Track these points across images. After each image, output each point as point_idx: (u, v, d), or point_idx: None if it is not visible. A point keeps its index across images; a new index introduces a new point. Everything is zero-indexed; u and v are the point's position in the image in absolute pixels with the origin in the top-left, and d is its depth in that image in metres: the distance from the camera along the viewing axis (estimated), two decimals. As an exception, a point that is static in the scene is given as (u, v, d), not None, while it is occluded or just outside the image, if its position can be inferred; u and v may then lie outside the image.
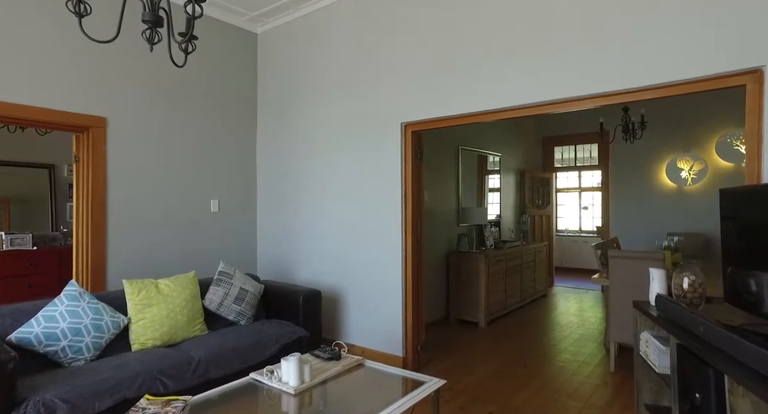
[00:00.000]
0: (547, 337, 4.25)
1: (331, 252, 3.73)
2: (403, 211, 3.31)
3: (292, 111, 3.99)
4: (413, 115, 3.22)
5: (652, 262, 3.05)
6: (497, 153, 5.91)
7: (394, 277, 3.34)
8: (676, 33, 2.24)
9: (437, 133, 4.73)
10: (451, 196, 4.95)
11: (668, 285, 2.03)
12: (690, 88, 2.28)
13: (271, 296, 3.41)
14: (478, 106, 2.91)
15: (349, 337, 3.61)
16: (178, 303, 2.70)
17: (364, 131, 3.50)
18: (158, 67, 3.48)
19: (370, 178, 3.47)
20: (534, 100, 2.71)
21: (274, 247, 4.13)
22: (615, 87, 2.40)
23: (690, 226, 5.80)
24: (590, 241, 8.49)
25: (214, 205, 3.89)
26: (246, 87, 4.16)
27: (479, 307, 4.58)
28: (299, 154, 3.95)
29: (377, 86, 3.41)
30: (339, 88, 3.65)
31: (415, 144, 3.35)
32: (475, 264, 4.61)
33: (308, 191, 3.88)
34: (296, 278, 3.98)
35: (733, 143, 5.59)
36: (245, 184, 4.18)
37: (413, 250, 3.33)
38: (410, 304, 3.31)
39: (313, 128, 3.84)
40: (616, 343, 3.33)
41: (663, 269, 2.03)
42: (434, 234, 4.67)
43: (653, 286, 2.04)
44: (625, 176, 6.30)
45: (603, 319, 4.86)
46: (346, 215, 3.63)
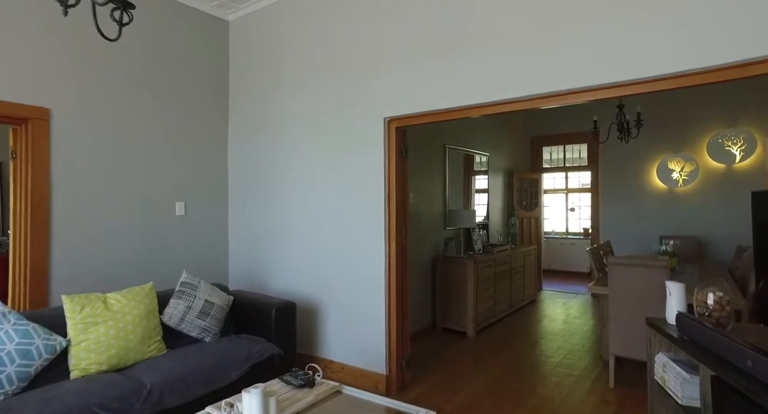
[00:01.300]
0: (539, 347, 4.01)
1: (309, 259, 3.41)
2: (386, 214, 3.02)
3: (267, 106, 3.66)
4: (397, 110, 2.94)
5: (655, 269, 2.83)
6: (485, 153, 5.67)
7: (377, 286, 3.05)
8: (689, 18, 2.00)
9: (423, 131, 4.46)
10: (437, 198, 4.68)
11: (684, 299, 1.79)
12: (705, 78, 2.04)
13: (242, 309, 3.08)
14: (466, 100, 2.64)
15: (328, 352, 3.31)
16: (130, 320, 2.35)
17: (345, 127, 3.20)
18: (113, 54, 3.12)
19: (351, 179, 3.17)
20: (524, 94, 2.45)
21: (248, 254, 3.79)
22: (613, 79, 2.16)
23: (682, 228, 5.66)
24: (577, 243, 8.34)
25: (180, 207, 3.54)
26: (216, 79, 3.82)
27: (467, 316, 4.32)
28: (275, 153, 3.62)
29: (359, 79, 3.12)
30: (317, 80, 3.34)
31: (399, 141, 3.07)
32: (463, 270, 4.34)
33: (284, 192, 3.56)
34: (271, 288, 3.65)
35: (724, 144, 5.47)
36: (215, 185, 3.83)
37: (398, 257, 3.05)
38: (394, 316, 3.02)
39: (290, 124, 3.52)
40: (615, 357, 3.10)
41: (682, 283, 1.78)
42: (420, 238, 4.39)
43: (671, 301, 1.80)
44: (614, 177, 6.13)
45: (594, 327, 4.65)
46: (325, 219, 3.32)
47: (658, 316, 2.76)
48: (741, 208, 5.33)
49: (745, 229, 5.28)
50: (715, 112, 5.52)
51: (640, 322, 2.93)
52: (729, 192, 5.41)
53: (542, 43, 2.38)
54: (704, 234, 5.52)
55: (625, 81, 2.16)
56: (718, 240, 5.44)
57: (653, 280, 2.84)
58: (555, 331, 4.52)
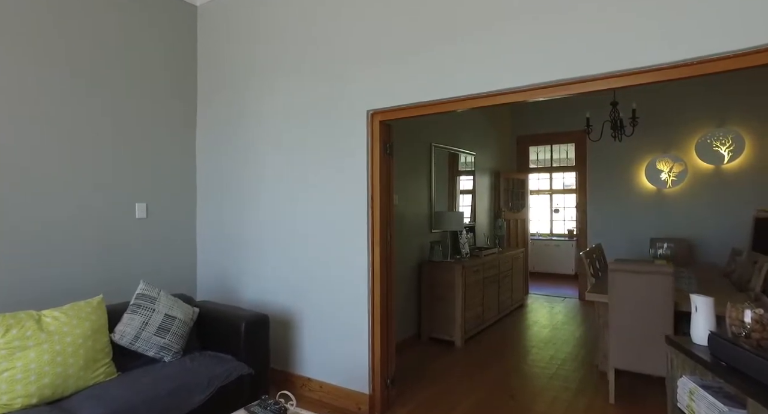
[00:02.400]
0: (531, 357, 3.79)
1: (286, 267, 3.11)
2: (369, 217, 2.75)
3: (240, 99, 3.34)
4: (382, 102, 2.66)
5: (660, 276, 2.63)
6: (471, 152, 5.45)
7: (359, 297, 2.77)
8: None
9: (408, 129, 4.20)
10: (423, 199, 4.43)
11: (713, 316, 1.56)
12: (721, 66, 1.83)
13: (208, 323, 2.76)
14: (454, 91, 2.39)
15: (306, 369, 3.01)
16: (71, 341, 2.01)
17: (324, 122, 2.91)
18: (59, 35, 2.76)
19: (331, 178, 2.89)
20: (514, 85, 2.21)
21: (219, 261, 3.46)
22: (605, 69, 1.93)
23: (671, 231, 5.54)
24: (562, 245, 8.22)
25: (141, 209, 3.18)
26: (183, 69, 3.48)
27: (455, 324, 4.07)
28: (249, 150, 3.31)
29: (340, 68, 2.83)
30: (295, 71, 3.04)
31: (383, 136, 2.80)
32: (450, 275, 4.10)
33: (259, 194, 3.25)
34: (243, 298, 3.33)
35: (713, 144, 5.37)
36: (182, 185, 3.48)
37: (382, 264, 2.77)
38: (378, 330, 2.75)
39: (265, 119, 3.21)
40: (614, 370, 2.89)
41: (709, 297, 1.56)
42: (404, 241, 4.13)
43: (697, 319, 1.57)
44: (602, 178, 5.99)
45: (585, 333, 4.47)
46: (303, 222, 3.02)
47: (659, 326, 2.58)
48: (730, 209, 5.24)
49: (736, 231, 5.19)
50: (704, 111, 5.42)
51: (643, 333, 2.72)
52: (718, 193, 5.32)
53: (533, 32, 2.14)
54: (694, 236, 5.41)
55: (618, 71, 1.94)
56: (707, 242, 5.34)
57: (657, 287, 2.64)
58: (546, 338, 4.31)
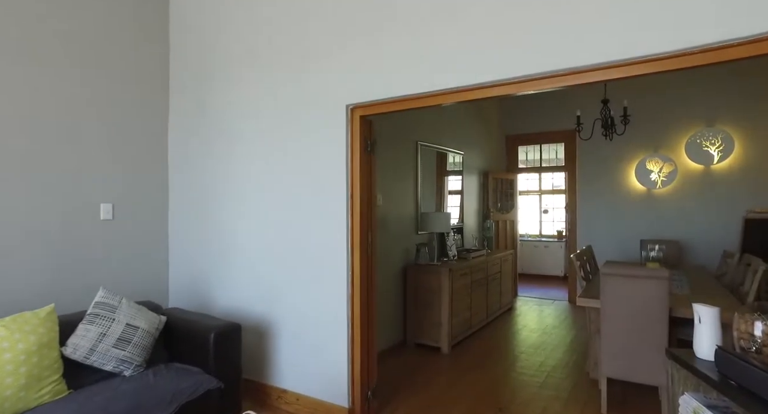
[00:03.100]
0: (520, 364, 3.64)
1: (260, 271, 2.92)
2: (348, 218, 2.58)
3: (215, 93, 3.15)
4: (362, 95, 2.50)
5: (656, 281, 2.50)
6: (459, 151, 5.31)
7: (337, 304, 2.59)
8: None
9: (393, 126, 4.04)
10: (408, 200, 4.27)
11: (719, 328, 1.42)
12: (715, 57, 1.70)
13: (176, 332, 2.57)
14: (442, 83, 2.23)
15: (281, 380, 2.82)
16: (11, 358, 1.81)
17: (302, 119, 2.74)
18: (15, 23, 2.55)
19: (308, 179, 2.71)
20: (505, 76, 2.06)
21: (192, 266, 3.26)
22: (601, 59, 1.79)
23: (661, 232, 5.46)
24: (551, 246, 8.14)
25: (106, 210, 2.97)
26: (154, 56, 3.27)
27: (442, 330, 3.92)
28: (223, 148, 3.11)
29: (317, 61, 2.66)
30: (271, 63, 2.86)
31: (364, 133, 2.63)
32: (436, 279, 3.94)
33: (234, 193, 3.06)
34: (217, 305, 3.13)
35: (702, 144, 5.30)
36: (153, 183, 3.28)
37: (362, 269, 2.60)
38: (358, 338, 2.58)
39: (241, 113, 3.03)
40: (606, 379, 2.76)
41: (715, 307, 1.41)
42: (389, 244, 3.96)
43: (701, 331, 1.43)
44: (592, 178, 5.90)
45: (576, 338, 4.34)
46: (279, 224, 2.84)
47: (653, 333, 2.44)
48: (720, 210, 5.17)
49: (725, 233, 5.12)
50: (693, 110, 5.35)
51: (636, 340, 2.59)
52: (708, 194, 5.24)
53: (521, 21, 2.00)
54: (684, 237, 5.33)
55: (609, 63, 1.80)
56: (697, 244, 5.26)
57: (652, 293, 2.51)
58: (535, 343, 4.18)
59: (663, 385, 2.54)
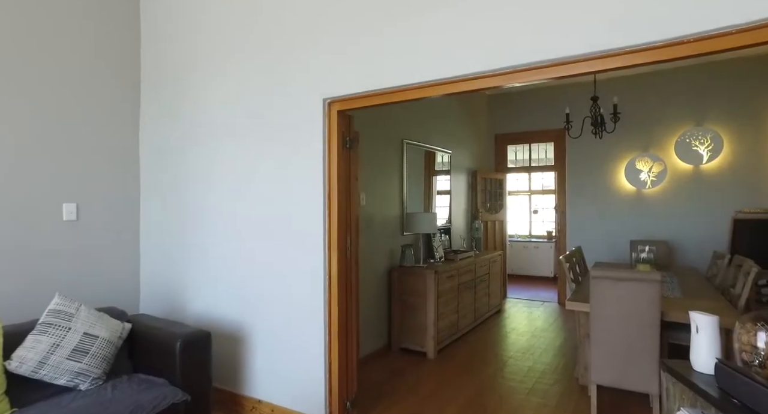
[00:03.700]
0: (508, 369, 3.53)
1: (236, 274, 2.77)
2: (325, 218, 2.43)
3: (189, 84, 2.99)
4: (340, 89, 2.36)
5: (647, 284, 2.39)
6: (447, 150, 5.19)
7: (313, 309, 2.45)
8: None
9: (377, 123, 3.90)
10: (393, 200, 4.14)
11: (719, 339, 1.30)
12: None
13: (142, 340, 2.40)
14: (424, 75, 2.10)
15: (255, 389, 2.67)
16: (-53, 373, 1.64)
17: (277, 112, 2.59)
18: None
19: (282, 177, 2.56)
20: (493, 67, 1.93)
21: (165, 269, 3.09)
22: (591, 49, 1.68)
23: (651, 232, 5.39)
24: (541, 247, 8.06)
25: (69, 211, 2.80)
26: (124, 47, 3.10)
27: (427, 334, 3.79)
28: (197, 143, 2.95)
29: (293, 51, 2.51)
30: (244, 56, 2.71)
31: (342, 128, 2.49)
32: (422, 281, 3.81)
33: (206, 194, 2.90)
34: (191, 311, 2.97)
35: (692, 144, 5.24)
36: (123, 182, 3.10)
37: (341, 272, 2.46)
38: (336, 346, 2.43)
39: (216, 109, 2.87)
40: (596, 386, 2.64)
41: (714, 316, 1.30)
42: (373, 245, 3.82)
43: (698, 341, 1.31)
44: (582, 178, 5.81)
45: (565, 341, 4.24)
46: (255, 224, 2.69)
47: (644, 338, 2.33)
48: (709, 210, 5.11)
49: (715, 233, 5.06)
50: (682, 110, 5.29)
51: (627, 346, 2.48)
52: (697, 194, 5.19)
53: (506, 10, 1.87)
54: (673, 238, 5.26)
55: (600, 52, 1.68)
56: (686, 244, 5.20)
57: (644, 296, 2.40)
58: (523, 347, 4.07)
59: (654, 392, 2.43)
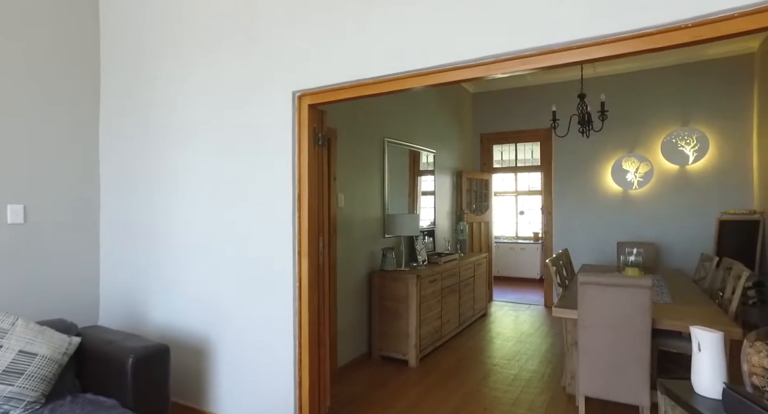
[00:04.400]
0: (493, 377, 3.37)
1: (200, 283, 2.56)
2: (295, 221, 2.25)
3: (152, 76, 2.77)
4: (311, 81, 2.17)
5: (637, 290, 2.25)
6: (431, 149, 5.03)
7: (283, 317, 2.26)
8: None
9: (356, 120, 3.72)
10: (374, 201, 3.96)
11: (724, 359, 1.15)
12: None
13: (93, 356, 2.18)
14: (403, 65, 1.93)
15: (219, 404, 2.47)
16: None
17: (242, 106, 2.39)
18: None
19: (248, 176, 2.37)
20: (472, 57, 1.78)
21: (127, 277, 2.86)
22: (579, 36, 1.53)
23: (638, 234, 5.30)
24: (528, 248, 7.95)
25: (15, 212, 2.56)
26: (82, 33, 2.87)
27: (409, 341, 3.62)
28: (161, 141, 2.74)
29: (261, 41, 2.32)
30: (211, 44, 2.51)
31: (314, 124, 2.30)
32: (404, 286, 3.64)
33: (170, 194, 2.69)
34: (153, 321, 2.75)
35: (678, 144, 5.17)
36: (79, 181, 2.87)
37: (313, 279, 2.28)
38: (306, 358, 2.25)
39: (178, 103, 2.66)
40: (584, 397, 2.50)
41: (718, 332, 1.15)
42: (352, 249, 3.64)
43: (700, 361, 1.16)
44: (568, 178, 5.71)
45: (551, 347, 4.11)
46: (219, 230, 2.49)
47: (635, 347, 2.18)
48: (695, 212, 5.04)
49: (701, 235, 4.99)
50: (669, 110, 5.22)
51: (617, 355, 2.34)
52: (683, 195, 5.12)
53: (500, -15, 1.72)
54: (660, 239, 5.18)
55: (588, 39, 1.53)
56: (673, 246, 5.12)
57: (634, 303, 2.26)
58: (509, 353, 3.92)
59: (645, 405, 2.30)
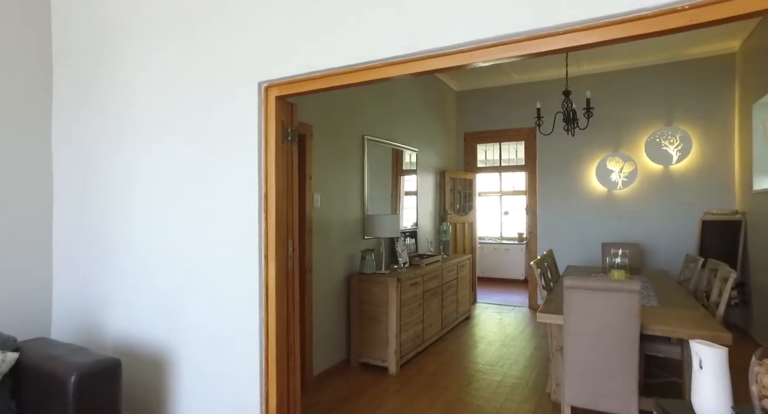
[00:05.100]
0: (476, 384, 3.24)
1: (159, 290, 2.37)
2: (261, 222, 2.07)
3: (106, 67, 2.56)
4: (279, 70, 2.00)
5: (625, 295, 2.14)
6: (413, 148, 4.89)
7: (247, 328, 2.08)
8: None
9: (333, 116, 3.56)
10: (354, 201, 3.80)
11: (727, 377, 1.02)
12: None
13: (34, 373, 1.98)
14: (377, 54, 1.77)
15: (182, 423, 2.28)
16: None
17: (205, 99, 2.21)
18: None
19: (215, 174, 2.19)
20: (458, 42, 1.63)
21: (82, 285, 2.64)
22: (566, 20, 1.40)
23: (622, 234, 5.24)
24: (512, 249, 7.87)
25: (-45, 213, 2.33)
26: (31, 24, 2.64)
27: (388, 347, 3.46)
28: (117, 138, 2.53)
29: (222, 26, 2.14)
30: (170, 31, 2.32)
31: (282, 117, 2.13)
32: (383, 290, 3.49)
33: (130, 195, 2.48)
34: (110, 333, 2.54)
35: (662, 143, 5.12)
36: (29, 182, 2.64)
37: (280, 284, 2.11)
38: (274, 369, 2.07)
39: (135, 96, 2.46)
40: (570, 407, 2.38)
41: (721, 348, 1.02)
42: (330, 251, 3.47)
43: (703, 381, 1.02)
44: (553, 178, 5.63)
45: (536, 351, 4.00)
46: (180, 233, 2.30)
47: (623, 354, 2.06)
48: (679, 212, 5.00)
49: (685, 235, 4.95)
50: (652, 109, 5.17)
51: (604, 363, 2.23)
52: (667, 195, 5.07)
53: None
54: (644, 240, 5.13)
55: (576, 23, 1.40)
56: (657, 246, 5.07)
57: (622, 308, 2.15)
58: (493, 359, 3.80)
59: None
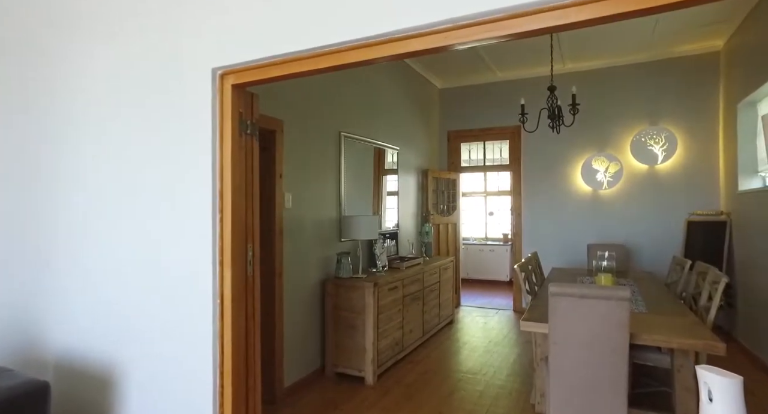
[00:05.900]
0: (458, 394, 3.07)
1: (104, 298, 2.13)
2: (216, 224, 1.86)
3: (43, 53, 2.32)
4: (236, 55, 1.80)
5: (614, 303, 1.98)
6: (394, 147, 4.71)
7: (199, 341, 1.87)
8: None
9: (307, 111, 3.35)
10: (329, 202, 3.60)
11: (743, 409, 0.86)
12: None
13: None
14: (344, 34, 1.58)
15: (130, 447, 2.05)
16: None
17: (153, 88, 1.99)
18: None
19: (163, 171, 1.97)
20: (433, 20, 1.45)
21: (17, 295, 2.39)
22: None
23: (608, 235, 5.13)
24: (497, 250, 7.76)
25: None
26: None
27: (366, 356, 3.27)
28: (55, 131, 2.29)
29: (172, 6, 1.93)
30: (111, 13, 2.09)
31: (239, 108, 1.93)
32: (360, 295, 3.29)
33: (70, 194, 2.25)
34: (52, 348, 2.30)
35: (647, 143, 5.04)
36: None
37: (238, 293, 1.90)
38: (230, 387, 1.87)
39: (76, 85, 2.22)
40: (557, 420, 2.22)
41: (736, 377, 0.85)
42: (302, 254, 3.27)
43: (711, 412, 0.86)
44: (538, 178, 5.51)
45: (519, 358, 3.85)
46: (128, 233, 2.07)
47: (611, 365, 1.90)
48: (664, 213, 4.91)
49: (670, 236, 4.86)
50: (638, 108, 5.08)
51: (592, 376, 2.07)
52: (652, 195, 4.98)
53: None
54: (630, 241, 5.03)
55: None
56: (643, 247, 4.98)
57: (611, 316, 1.99)
58: (475, 366, 3.63)
59: (623, 431, 2.03)
